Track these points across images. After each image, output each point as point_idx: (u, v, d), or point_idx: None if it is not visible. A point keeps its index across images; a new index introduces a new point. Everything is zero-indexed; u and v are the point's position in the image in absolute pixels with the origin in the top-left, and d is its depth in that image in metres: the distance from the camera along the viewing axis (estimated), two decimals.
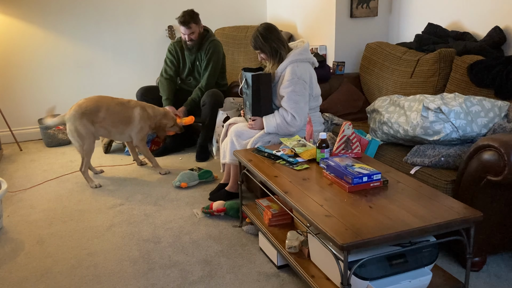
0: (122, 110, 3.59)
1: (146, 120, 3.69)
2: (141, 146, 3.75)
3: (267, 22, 3.12)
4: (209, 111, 3.93)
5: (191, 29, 3.92)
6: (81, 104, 3.50)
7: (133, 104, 3.65)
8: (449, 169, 2.52)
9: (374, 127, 3.00)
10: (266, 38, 3.03)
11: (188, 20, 3.89)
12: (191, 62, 4.13)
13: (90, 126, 3.50)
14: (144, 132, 3.71)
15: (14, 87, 4.66)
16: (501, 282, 2.30)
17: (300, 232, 2.37)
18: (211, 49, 4.02)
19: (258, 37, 3.04)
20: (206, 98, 3.93)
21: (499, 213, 2.30)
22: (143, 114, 3.66)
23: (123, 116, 3.60)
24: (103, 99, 3.57)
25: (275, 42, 3.03)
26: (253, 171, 2.53)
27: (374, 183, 2.17)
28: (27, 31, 4.57)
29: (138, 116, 3.64)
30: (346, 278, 1.77)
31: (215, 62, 4.05)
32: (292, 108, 2.96)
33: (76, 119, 3.46)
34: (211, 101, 3.90)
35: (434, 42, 3.48)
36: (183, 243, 2.75)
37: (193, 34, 3.96)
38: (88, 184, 3.60)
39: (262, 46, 3.05)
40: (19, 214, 3.19)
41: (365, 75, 3.93)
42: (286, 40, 3.14)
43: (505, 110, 2.62)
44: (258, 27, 3.08)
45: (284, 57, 3.05)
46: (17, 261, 2.62)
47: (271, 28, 3.06)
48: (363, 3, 4.09)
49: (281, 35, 3.08)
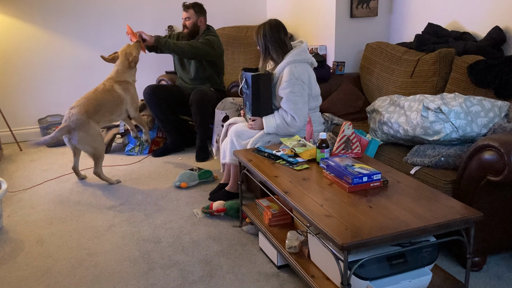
0: (109, 94, 3.59)
1: (128, 86, 3.69)
2: (137, 117, 3.81)
3: (277, 20, 3.10)
4: (196, 110, 3.92)
5: (188, 13, 4.02)
6: (80, 110, 3.44)
7: (110, 84, 3.64)
8: (449, 169, 2.52)
9: (374, 127, 3.00)
10: (265, 35, 3.03)
11: (188, 5, 4.04)
12: None
13: (97, 127, 3.52)
14: (135, 99, 3.74)
15: (14, 87, 4.67)
16: (501, 282, 2.30)
17: (300, 232, 2.37)
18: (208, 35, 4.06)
19: (260, 30, 3.05)
20: (192, 97, 3.93)
21: (499, 213, 2.30)
22: (122, 86, 3.66)
23: (113, 100, 3.60)
24: (91, 96, 3.54)
25: (272, 41, 3.02)
26: (253, 171, 2.53)
27: (374, 183, 2.17)
28: (27, 31, 4.57)
29: (121, 91, 3.64)
30: (346, 278, 1.77)
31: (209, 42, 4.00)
32: (291, 109, 2.96)
33: (85, 124, 3.43)
34: (197, 99, 3.90)
35: (434, 42, 3.48)
36: (183, 243, 2.75)
37: (188, 20, 4.02)
38: (109, 182, 3.61)
39: (257, 39, 3.07)
40: (19, 214, 3.19)
41: (365, 75, 3.93)
42: (289, 42, 3.12)
43: (505, 110, 2.62)
44: (267, 21, 3.09)
45: (276, 58, 3.05)
46: (17, 261, 2.62)
47: (277, 27, 3.05)
48: (363, 3, 4.09)
49: (283, 36, 3.05)
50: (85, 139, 3.45)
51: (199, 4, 4.09)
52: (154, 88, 4.10)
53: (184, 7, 4.06)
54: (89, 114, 3.46)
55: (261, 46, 3.07)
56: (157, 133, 4.36)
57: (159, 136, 4.37)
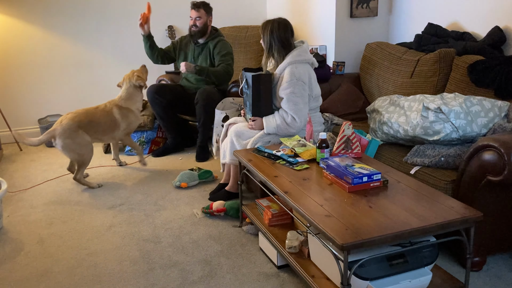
0: (106, 116, 3.60)
1: (128, 113, 3.68)
2: (126, 140, 3.79)
3: (286, 20, 3.09)
4: (202, 109, 3.93)
5: (199, 13, 4.01)
6: (73, 118, 3.44)
7: (110, 107, 3.65)
8: (449, 169, 2.52)
9: (374, 127, 3.00)
10: (272, 32, 3.02)
11: (199, 4, 4.03)
12: (195, 54, 4.16)
13: (87, 136, 3.50)
14: (131, 127, 3.74)
15: (14, 87, 4.66)
16: (501, 282, 2.30)
17: (300, 232, 2.37)
18: (224, 47, 4.07)
19: (268, 25, 3.05)
20: (198, 96, 3.94)
21: (499, 213, 2.30)
22: (122, 112, 3.66)
23: (109, 122, 3.61)
24: (91, 111, 3.57)
25: (277, 40, 3.02)
26: (253, 171, 2.53)
27: (374, 183, 2.17)
28: (27, 31, 4.57)
29: (119, 116, 3.64)
30: (346, 278, 1.77)
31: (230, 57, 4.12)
32: (291, 110, 2.96)
33: (72, 131, 3.42)
34: (203, 98, 3.90)
35: (434, 42, 3.48)
36: (183, 243, 2.75)
37: (199, 20, 4.02)
38: (89, 187, 3.58)
39: (263, 34, 3.06)
40: (19, 214, 3.19)
41: (365, 75, 3.93)
42: (293, 44, 3.10)
43: (505, 110, 2.62)
44: (276, 18, 3.08)
45: (277, 57, 3.05)
46: (17, 261, 2.62)
47: (285, 27, 3.04)
48: (363, 3, 4.09)
49: (290, 37, 3.05)
50: (70, 147, 3.44)
51: (208, 3, 4.09)
52: (158, 87, 4.10)
53: (194, 6, 4.02)
54: (80, 124, 3.46)
55: (266, 42, 3.06)
56: (157, 133, 4.36)
57: (159, 136, 4.37)
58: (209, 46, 4.10)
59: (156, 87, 4.10)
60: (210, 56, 4.11)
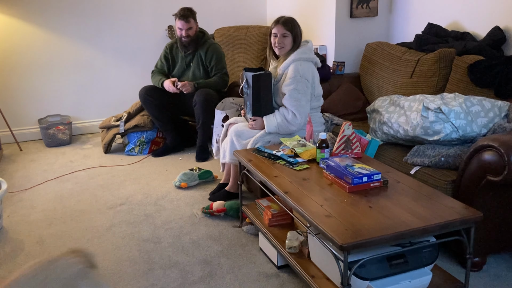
0: None
1: None
2: None
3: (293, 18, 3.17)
4: (200, 110, 3.93)
5: (190, 23, 3.95)
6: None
7: None
8: (449, 169, 2.52)
9: (374, 127, 3.00)
10: (298, 27, 3.11)
11: (188, 14, 3.94)
12: (186, 62, 4.13)
13: None
14: None
15: (14, 87, 4.66)
16: (501, 282, 2.30)
17: (300, 232, 2.37)
18: (215, 54, 4.05)
19: (294, 21, 3.10)
20: (196, 97, 3.93)
21: (499, 213, 2.30)
22: None
23: None
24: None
25: (299, 34, 3.11)
26: (253, 171, 2.52)
27: (374, 183, 2.17)
28: (27, 31, 4.57)
29: None
30: (346, 278, 1.77)
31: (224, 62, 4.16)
32: (293, 106, 2.97)
33: None
34: (201, 99, 3.90)
35: (434, 42, 3.48)
36: (183, 243, 2.75)
37: (191, 30, 3.98)
38: None
39: (293, 28, 3.08)
40: (19, 214, 3.18)
41: (365, 75, 3.93)
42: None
43: (505, 110, 2.62)
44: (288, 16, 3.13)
45: (290, 51, 3.08)
46: (17, 261, 2.62)
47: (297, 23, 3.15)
48: (363, 3, 4.09)
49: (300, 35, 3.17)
50: None
51: (191, 8, 4.01)
52: (148, 88, 4.13)
53: (183, 18, 3.90)
54: None
55: (297, 34, 3.10)
56: (157, 133, 4.36)
57: (159, 136, 4.37)
58: (200, 53, 4.07)
59: (147, 88, 4.13)
60: (203, 63, 4.09)
